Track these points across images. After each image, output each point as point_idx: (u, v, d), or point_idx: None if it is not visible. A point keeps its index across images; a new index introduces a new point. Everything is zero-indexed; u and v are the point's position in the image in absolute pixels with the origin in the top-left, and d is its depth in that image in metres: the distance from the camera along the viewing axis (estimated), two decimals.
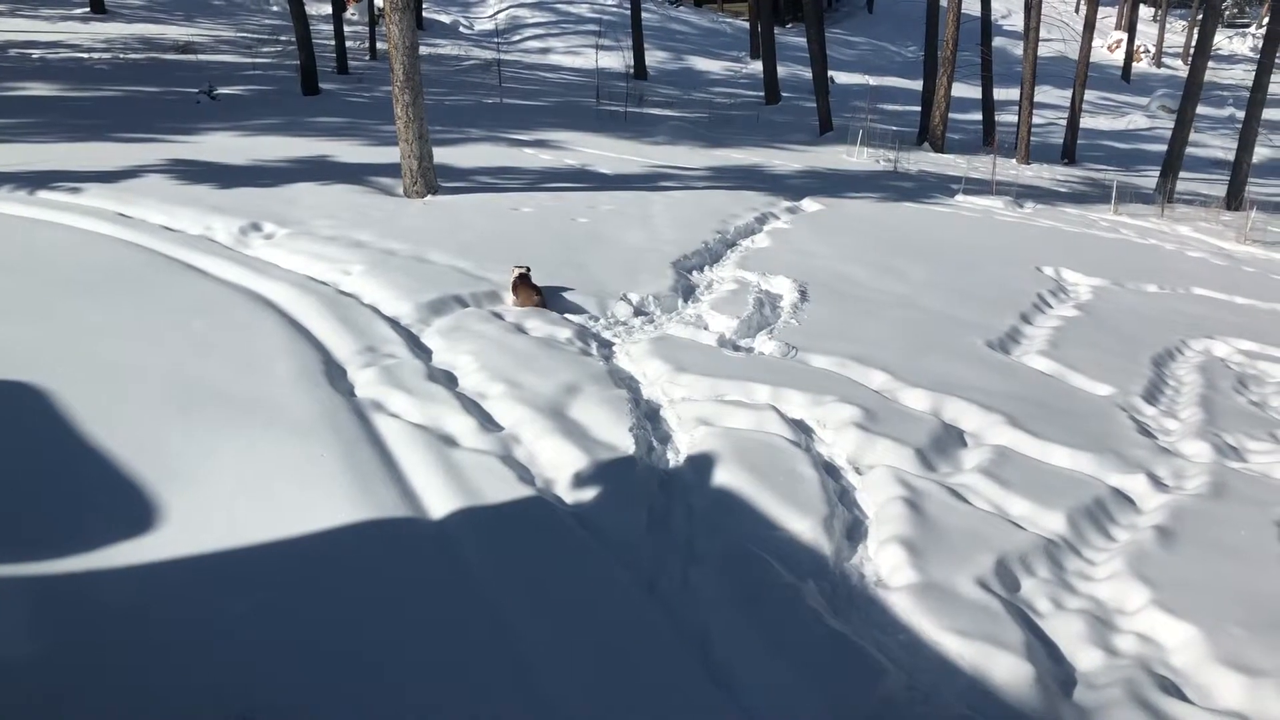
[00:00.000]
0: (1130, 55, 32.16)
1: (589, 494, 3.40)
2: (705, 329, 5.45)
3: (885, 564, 3.20)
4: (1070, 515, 3.58)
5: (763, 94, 21.31)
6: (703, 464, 3.69)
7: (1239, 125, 14.83)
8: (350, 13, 24.28)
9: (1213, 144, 21.60)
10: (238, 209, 6.85)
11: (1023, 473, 3.90)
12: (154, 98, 13.24)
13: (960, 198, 11.92)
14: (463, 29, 26.79)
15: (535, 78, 21.21)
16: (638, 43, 22.86)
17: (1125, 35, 33.46)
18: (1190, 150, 15.65)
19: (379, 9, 20.17)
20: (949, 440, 4.21)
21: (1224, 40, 32.86)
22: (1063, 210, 12.07)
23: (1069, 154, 17.88)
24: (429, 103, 8.96)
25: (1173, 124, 15.27)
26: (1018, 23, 29.39)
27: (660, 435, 4.04)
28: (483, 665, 2.47)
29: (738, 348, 5.22)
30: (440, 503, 3.18)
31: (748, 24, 28.59)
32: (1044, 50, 20.00)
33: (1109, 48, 34.57)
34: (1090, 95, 21.64)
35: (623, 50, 22.85)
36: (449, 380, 4.27)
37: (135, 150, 8.98)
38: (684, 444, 3.96)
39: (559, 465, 3.56)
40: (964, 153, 16.87)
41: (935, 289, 6.79)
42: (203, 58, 17.84)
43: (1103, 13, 29.12)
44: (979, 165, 15.11)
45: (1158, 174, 14.81)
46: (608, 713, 2.36)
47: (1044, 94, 23.19)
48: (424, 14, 25.49)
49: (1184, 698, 2.66)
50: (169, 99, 13.13)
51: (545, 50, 25.36)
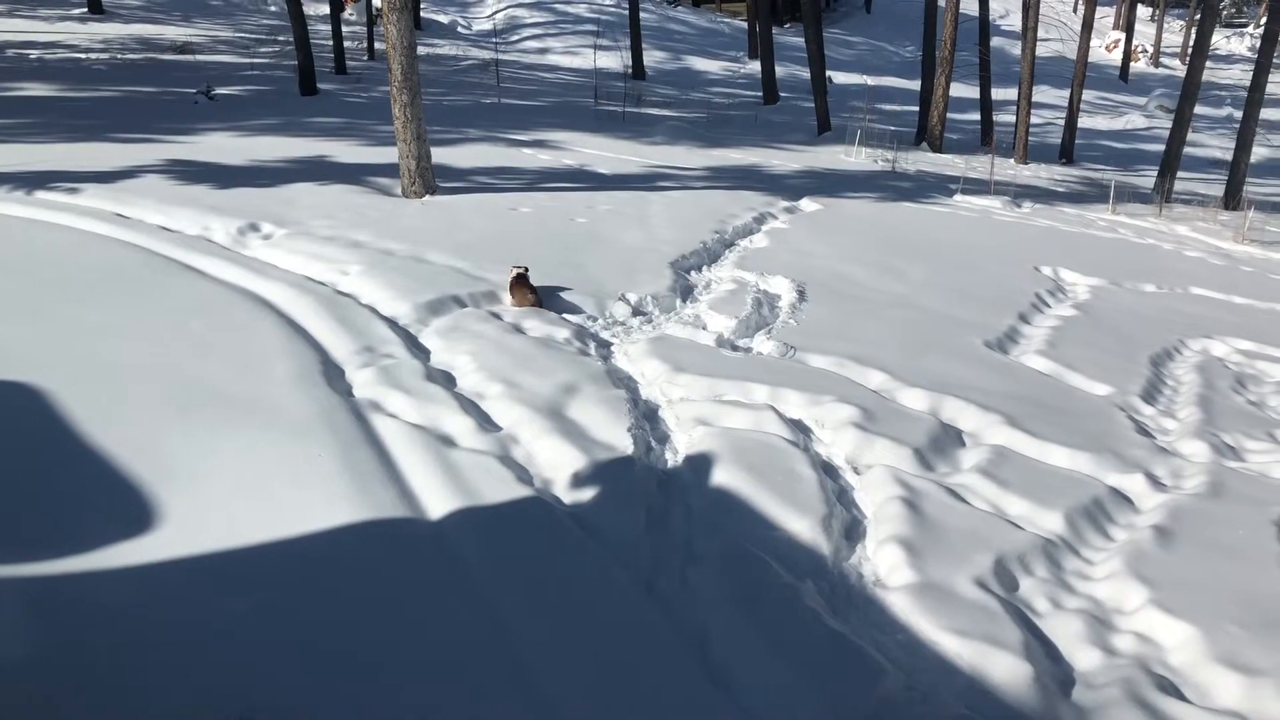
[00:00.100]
0: (1128, 55, 32.22)
1: (587, 494, 3.40)
2: (703, 329, 5.45)
3: (884, 564, 3.20)
4: (1068, 515, 3.58)
5: (761, 94, 21.32)
6: (701, 464, 3.69)
7: (1237, 125, 14.86)
8: (348, 13, 24.29)
9: (1211, 144, 21.65)
10: (236, 209, 6.84)
11: (1021, 472, 3.90)
12: (152, 98, 13.23)
13: (958, 197, 11.93)
14: (461, 29, 26.79)
15: (533, 78, 21.21)
16: (636, 43, 22.87)
17: (1123, 35, 33.53)
18: (1188, 150, 15.67)
19: (377, 9, 20.17)
20: (947, 440, 4.21)
21: (1222, 40, 32.89)
22: (1061, 210, 12.09)
23: (1067, 154, 17.90)
24: (427, 103, 8.96)
25: (1170, 124, 15.30)
26: (1015, 22, 29.42)
27: (658, 435, 4.04)
28: (481, 665, 2.47)
29: (736, 348, 5.22)
30: (438, 503, 3.18)
31: (746, 24, 28.62)
32: (1042, 50, 20.01)
33: (1107, 47, 34.61)
34: (1088, 95, 21.68)
35: (621, 50, 22.87)
36: (447, 380, 4.27)
37: (133, 150, 8.98)
38: (682, 444, 3.96)
39: (557, 465, 3.56)
40: (962, 152, 16.89)
41: (933, 289, 6.80)
42: (200, 58, 17.82)
43: (1100, 12, 29.10)
44: (977, 165, 15.12)
45: (1156, 174, 14.83)
46: (606, 713, 2.36)
47: (1042, 94, 23.23)
48: (422, 14, 25.50)
49: (1182, 697, 2.67)
50: (167, 99, 13.12)
51: (543, 50, 25.36)
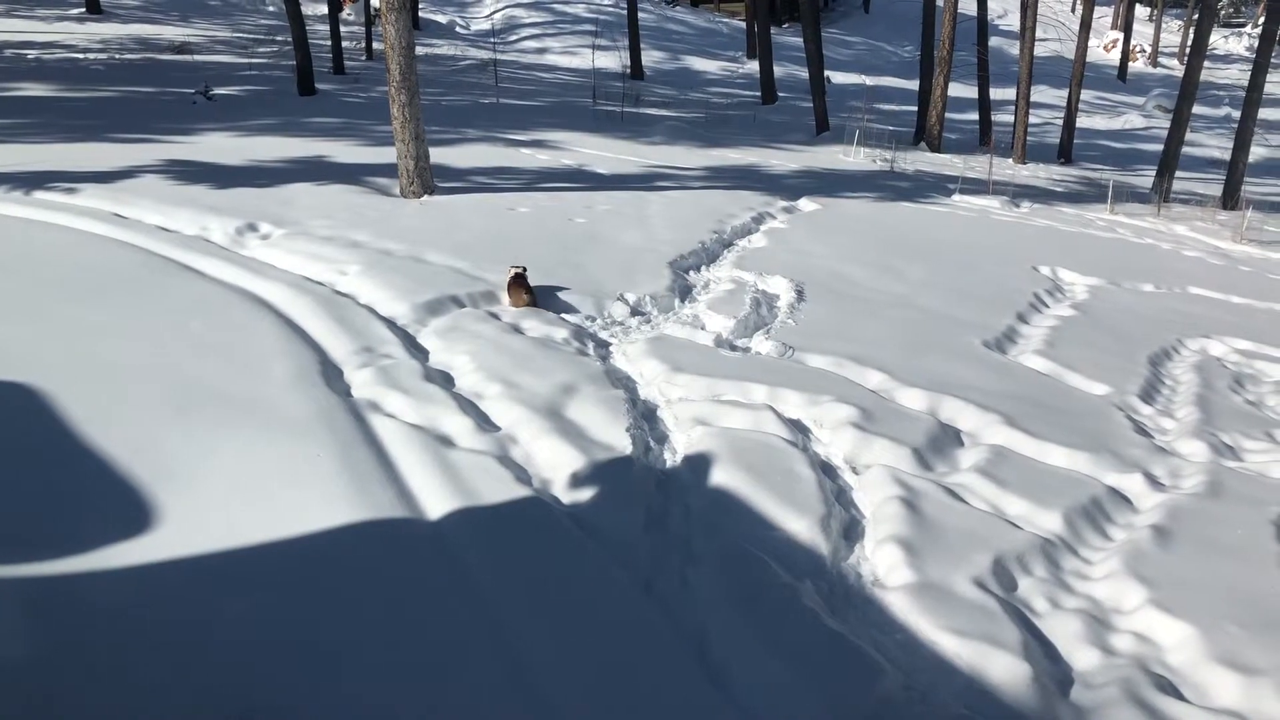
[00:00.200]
0: (1126, 55, 32.25)
1: (586, 494, 3.40)
2: (702, 329, 5.45)
3: (882, 563, 3.20)
4: (1067, 514, 3.59)
5: (759, 94, 21.33)
6: (700, 464, 3.69)
7: (1235, 125, 14.88)
8: (346, 13, 24.29)
9: (1209, 143, 21.67)
10: (234, 209, 6.83)
11: (1019, 472, 3.90)
12: (150, 98, 13.21)
13: (957, 197, 11.93)
14: (459, 29, 26.79)
15: (532, 78, 21.21)
16: (634, 43, 22.88)
17: (1121, 35, 33.55)
18: (1186, 150, 15.69)
19: (375, 9, 20.16)
20: (946, 440, 4.21)
21: (1220, 40, 32.93)
22: (1059, 210, 12.10)
23: (1065, 153, 17.91)
24: (425, 103, 8.96)
25: (1169, 123, 15.30)
26: (1014, 22, 29.46)
27: (657, 435, 4.04)
28: (480, 665, 2.47)
29: (734, 347, 5.22)
30: (437, 503, 3.17)
31: (744, 24, 28.63)
32: (1040, 50, 20.05)
33: (1105, 47, 34.66)
34: (1086, 95, 21.71)
35: (619, 50, 22.86)
36: (446, 380, 4.27)
37: (131, 151, 8.96)
38: (681, 444, 3.95)
39: (556, 465, 3.56)
40: (960, 152, 16.90)
41: (932, 288, 6.80)
42: (199, 58, 17.80)
43: (1098, 12, 29.15)
44: (975, 165, 15.14)
45: (1154, 173, 14.84)
46: (606, 712, 2.36)
47: (1040, 94, 23.25)
48: (420, 14, 25.48)
49: (1181, 697, 2.67)
50: (165, 99, 13.11)
51: (542, 50, 25.36)
